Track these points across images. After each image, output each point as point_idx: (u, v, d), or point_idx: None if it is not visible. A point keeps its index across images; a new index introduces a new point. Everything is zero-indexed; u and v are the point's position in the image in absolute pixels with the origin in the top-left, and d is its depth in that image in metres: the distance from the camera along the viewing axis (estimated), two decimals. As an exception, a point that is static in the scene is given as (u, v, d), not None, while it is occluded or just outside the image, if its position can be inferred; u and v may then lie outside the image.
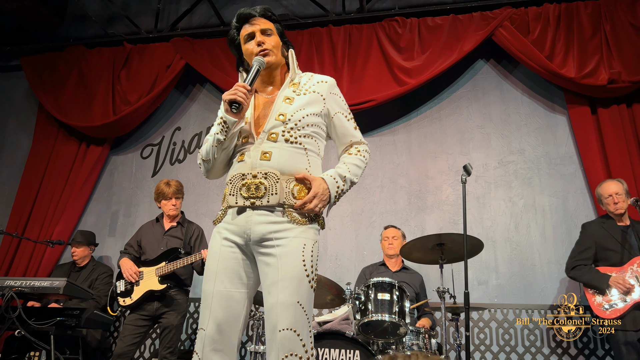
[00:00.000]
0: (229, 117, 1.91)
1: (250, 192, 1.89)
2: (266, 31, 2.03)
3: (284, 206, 1.89)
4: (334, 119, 2.08)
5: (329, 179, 1.97)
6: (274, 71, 2.08)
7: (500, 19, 4.71)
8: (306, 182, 1.94)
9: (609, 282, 3.56)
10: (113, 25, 5.92)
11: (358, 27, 5.14)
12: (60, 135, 5.63)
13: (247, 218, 1.89)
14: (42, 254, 5.13)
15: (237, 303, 1.89)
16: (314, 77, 2.11)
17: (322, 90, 2.06)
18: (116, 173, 5.59)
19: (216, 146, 1.96)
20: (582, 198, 4.49)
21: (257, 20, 2.04)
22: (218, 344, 1.84)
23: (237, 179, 1.94)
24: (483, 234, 4.42)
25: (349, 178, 2.03)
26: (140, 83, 5.42)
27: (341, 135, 2.11)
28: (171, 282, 3.89)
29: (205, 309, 1.88)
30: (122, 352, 3.79)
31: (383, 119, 5.05)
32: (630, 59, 4.40)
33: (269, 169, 1.90)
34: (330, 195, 1.95)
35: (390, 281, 3.24)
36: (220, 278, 1.89)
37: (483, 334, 4.32)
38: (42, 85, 5.68)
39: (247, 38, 2.04)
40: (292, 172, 1.93)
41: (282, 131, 1.94)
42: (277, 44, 2.05)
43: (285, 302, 1.78)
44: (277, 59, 2.04)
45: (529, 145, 4.74)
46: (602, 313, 3.55)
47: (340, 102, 2.12)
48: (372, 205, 4.87)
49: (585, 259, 3.75)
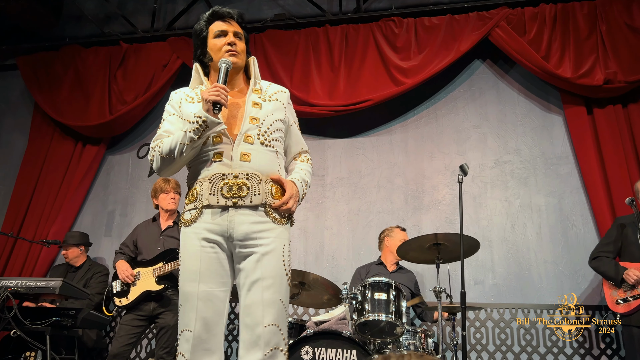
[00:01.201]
0: (212, 118, 1.93)
1: (232, 192, 1.95)
2: (237, 34, 2.13)
3: (266, 206, 1.98)
4: (291, 127, 2.25)
5: (298, 182, 2.12)
6: (235, 74, 2.16)
7: (497, 19, 4.73)
8: (280, 184, 2.05)
9: (623, 276, 3.57)
10: (109, 24, 5.90)
11: (355, 27, 5.14)
12: (56, 134, 5.61)
13: (230, 217, 1.95)
14: (38, 254, 5.11)
15: (221, 302, 1.95)
16: (271, 85, 2.25)
17: (283, 100, 2.21)
18: (112, 173, 5.57)
19: (187, 144, 1.96)
20: (578, 198, 4.50)
21: (232, 22, 2.14)
22: (207, 344, 1.89)
23: (217, 178, 1.97)
24: (479, 234, 4.42)
25: (309, 183, 2.22)
26: (137, 82, 5.40)
27: (295, 143, 2.28)
28: (168, 282, 3.88)
29: (189, 310, 1.91)
30: (118, 352, 3.77)
31: (380, 118, 5.05)
32: (626, 59, 4.41)
33: (250, 170, 1.98)
34: (300, 197, 2.10)
35: (387, 281, 3.24)
36: (203, 279, 1.93)
37: (479, 333, 4.33)
38: (38, 85, 5.66)
39: (219, 34, 2.11)
40: (269, 173, 2.03)
41: (257, 134, 2.04)
42: (243, 49, 2.15)
43: (269, 299, 1.89)
44: (242, 63, 2.15)
45: (525, 145, 4.75)
46: (615, 307, 3.58)
47: (293, 112, 2.30)
48: (369, 205, 4.88)
49: (608, 252, 3.76)
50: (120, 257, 4.07)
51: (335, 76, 4.94)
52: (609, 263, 3.70)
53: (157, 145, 2.08)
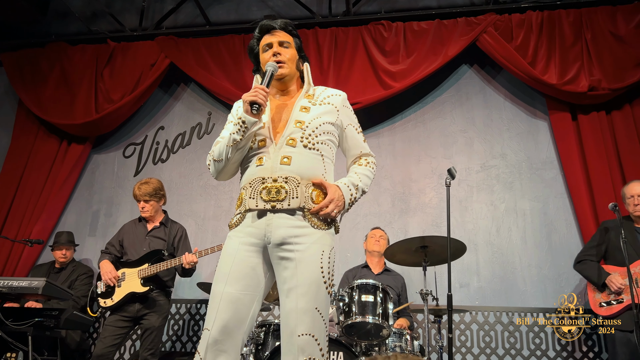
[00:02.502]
0: (249, 117, 1.93)
1: (270, 195, 1.93)
2: (283, 43, 2.13)
3: (304, 210, 1.95)
4: (346, 130, 2.18)
5: (343, 186, 2.04)
6: (287, 82, 2.15)
7: (485, 25, 4.78)
8: (322, 188, 2.00)
9: (605, 281, 3.62)
10: (96, 22, 5.84)
11: (344, 30, 5.16)
12: (40, 132, 5.54)
13: (268, 221, 1.93)
14: (20, 254, 5.03)
15: (245, 306, 1.91)
16: (327, 90, 2.21)
17: (336, 103, 2.15)
18: (97, 172, 5.51)
19: (232, 146, 1.98)
20: (562, 202, 4.57)
21: (277, 32, 2.15)
22: (222, 345, 1.86)
23: (257, 182, 1.97)
24: (465, 237, 4.46)
25: (360, 187, 2.11)
26: (124, 81, 5.36)
27: (352, 147, 2.21)
28: (153, 284, 3.84)
29: (212, 310, 1.89)
30: (102, 354, 3.72)
31: (368, 121, 5.07)
32: (610, 67, 4.49)
33: (290, 173, 1.95)
34: (344, 202, 2.01)
35: (374, 283, 3.25)
36: (231, 281, 1.91)
37: (464, 336, 4.36)
38: (22, 82, 5.58)
39: (266, 47, 2.13)
40: (311, 177, 1.99)
41: (301, 137, 2.00)
42: (292, 56, 2.14)
43: (303, 308, 1.84)
44: (290, 71, 2.12)
45: (510, 150, 4.81)
46: (598, 310, 3.64)
47: (351, 116, 2.22)
48: (356, 207, 4.88)
49: (592, 255, 3.82)
50: (105, 257, 4.02)
51: (324, 78, 4.95)
52: (592, 267, 3.76)
53: (212, 150, 2.10)
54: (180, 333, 4.77)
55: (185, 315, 4.81)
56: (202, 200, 5.17)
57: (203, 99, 5.52)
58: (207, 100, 5.51)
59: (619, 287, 3.52)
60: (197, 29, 5.54)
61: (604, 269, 3.69)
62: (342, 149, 2.23)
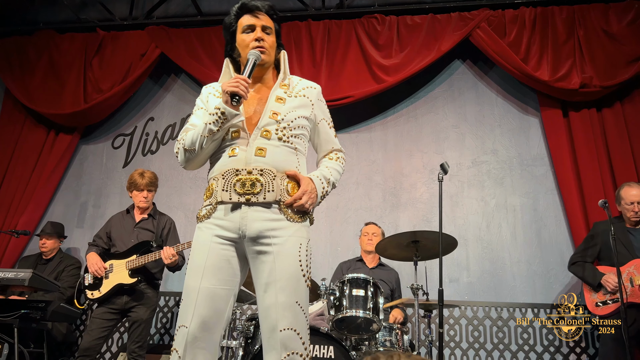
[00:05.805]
0: (230, 109, 1.88)
1: (245, 188, 1.88)
2: (266, 29, 2.05)
3: (280, 203, 1.91)
4: (319, 125, 2.15)
5: (315, 179, 2.02)
6: (264, 70, 2.08)
7: (478, 20, 4.77)
8: (297, 180, 1.97)
9: (600, 281, 3.65)
10: (86, 10, 5.75)
11: (337, 23, 5.13)
12: (27, 122, 5.46)
13: (243, 214, 1.89)
14: (6, 245, 4.97)
15: (222, 300, 1.87)
16: (302, 81, 2.16)
17: (311, 96, 2.11)
18: (86, 163, 5.45)
19: (207, 136, 1.92)
20: (552, 199, 4.59)
21: (261, 15, 2.05)
22: (201, 342, 1.82)
23: (230, 174, 1.92)
24: (455, 232, 4.46)
25: (332, 181, 2.10)
26: (114, 71, 5.29)
27: (324, 142, 2.18)
28: (141, 275, 3.81)
29: (188, 305, 1.85)
30: (89, 347, 3.68)
31: (360, 115, 5.05)
32: (602, 64, 4.51)
33: (265, 166, 1.91)
34: (317, 194, 1.99)
35: (365, 277, 3.24)
36: (207, 275, 1.87)
37: (453, 330, 4.38)
38: (9, 70, 5.49)
39: (247, 29, 2.04)
40: (285, 169, 1.95)
41: (276, 129, 1.96)
42: (273, 44, 2.07)
43: (284, 302, 1.82)
44: (270, 59, 2.07)
45: (502, 146, 4.82)
46: (594, 309, 3.67)
47: (325, 110, 2.19)
48: (347, 201, 4.88)
49: (586, 256, 3.85)
50: (92, 249, 3.97)
51: (317, 72, 4.92)
52: (587, 268, 3.78)
53: (181, 138, 2.03)
54: (168, 326, 4.73)
55: (174, 308, 4.78)
56: (191, 193, 5.13)
57: (194, 90, 5.46)
58: (197, 92, 5.40)
59: (615, 286, 3.55)
60: (189, 19, 5.47)
61: (598, 270, 3.72)
62: (313, 143, 2.20)
